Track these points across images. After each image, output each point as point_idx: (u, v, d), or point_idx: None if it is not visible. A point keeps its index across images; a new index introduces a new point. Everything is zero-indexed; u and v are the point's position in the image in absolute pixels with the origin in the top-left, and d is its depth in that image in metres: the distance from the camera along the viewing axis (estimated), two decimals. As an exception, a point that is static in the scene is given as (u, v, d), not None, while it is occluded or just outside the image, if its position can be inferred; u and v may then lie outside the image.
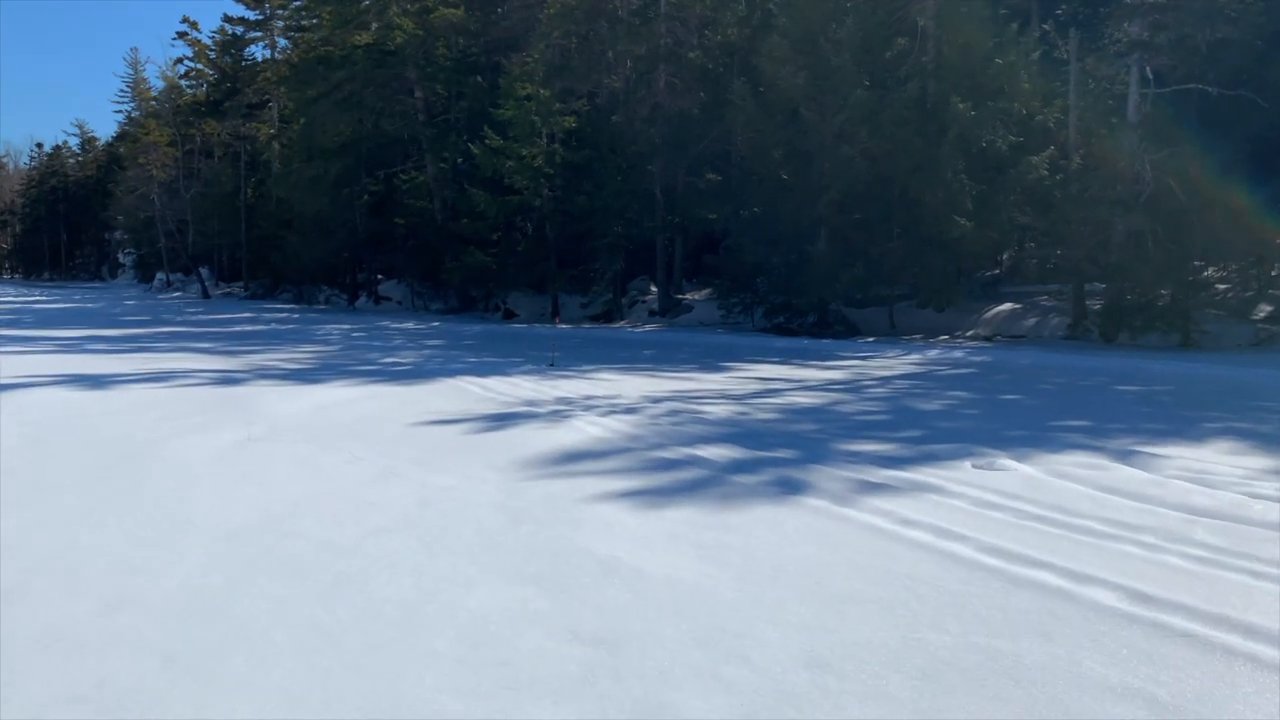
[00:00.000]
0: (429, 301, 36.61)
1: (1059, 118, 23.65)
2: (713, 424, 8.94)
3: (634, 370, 14.61)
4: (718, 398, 11.19)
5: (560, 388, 11.89)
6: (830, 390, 12.32)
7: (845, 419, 9.62)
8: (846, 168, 22.17)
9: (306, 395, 10.73)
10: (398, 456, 7.21)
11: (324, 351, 17.54)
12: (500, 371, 13.91)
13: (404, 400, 10.47)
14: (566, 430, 8.39)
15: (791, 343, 21.69)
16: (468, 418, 9.13)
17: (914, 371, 15.30)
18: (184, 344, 18.77)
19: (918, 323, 25.21)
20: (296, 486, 6.22)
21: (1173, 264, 20.76)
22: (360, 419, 9.03)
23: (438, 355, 16.89)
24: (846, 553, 4.79)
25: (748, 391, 11.89)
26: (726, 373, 14.55)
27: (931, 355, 18.53)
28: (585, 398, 10.86)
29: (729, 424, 8.97)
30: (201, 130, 52.76)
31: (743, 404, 10.61)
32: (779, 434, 8.41)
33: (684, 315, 29.27)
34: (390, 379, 12.69)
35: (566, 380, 12.85)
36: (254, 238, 46.47)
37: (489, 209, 28.87)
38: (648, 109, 28.54)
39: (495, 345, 20.00)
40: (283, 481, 6.39)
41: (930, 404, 11.08)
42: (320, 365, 14.68)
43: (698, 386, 12.38)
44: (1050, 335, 23.15)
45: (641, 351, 18.94)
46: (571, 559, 4.63)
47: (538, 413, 9.54)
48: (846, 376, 14.20)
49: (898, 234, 24.73)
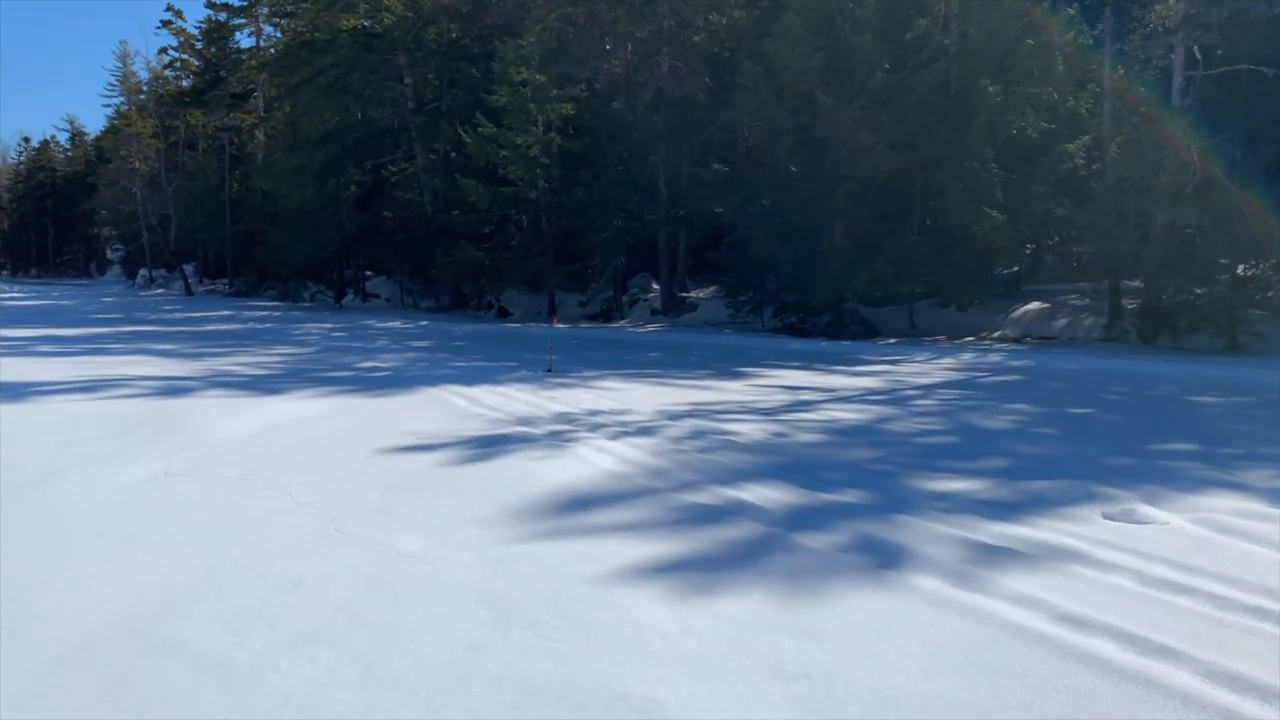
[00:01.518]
0: (419, 299, 34.89)
1: (1092, 103, 22.02)
2: (749, 450, 7.27)
3: (641, 377, 12.95)
4: (744, 412, 9.52)
5: (560, 399, 10.23)
6: (871, 402, 10.66)
7: (905, 442, 7.96)
8: (866, 156, 20.50)
9: (259, 410, 9.04)
10: (352, 501, 5.53)
11: (297, 354, 15.85)
12: (491, 378, 12.24)
13: (375, 416, 8.78)
14: (569, 460, 6.72)
15: (807, 344, 20.04)
16: (448, 441, 7.45)
17: (955, 379, 13.65)
18: (144, 345, 17.05)
19: (939, 323, 23.58)
20: (203, 552, 4.54)
21: (1219, 260, 19.16)
22: (316, 443, 7.35)
23: (422, 359, 15.20)
24: (1012, 684, 3.13)
25: (777, 404, 10.24)
26: (745, 380, 12.89)
27: (966, 359, 16.89)
28: (590, 413, 9.19)
29: (769, 450, 7.31)
30: (186, 122, 50.91)
31: (776, 421, 8.94)
32: (835, 465, 6.75)
33: (688, 314, 27.61)
34: (364, 388, 11.01)
35: (566, 389, 11.19)
36: (238, 233, 44.70)
37: (481, 201, 27.16)
38: (650, 95, 26.86)
39: (486, 347, 18.33)
40: (187, 542, 4.71)
41: (994, 420, 9.43)
42: (287, 371, 12.99)
43: (717, 398, 10.72)
44: (1084, 337, 21.55)
45: (647, 354, 17.28)
46: (588, 706, 2.96)
47: (534, 434, 7.87)
48: (881, 385, 12.55)
49: (918, 228, 23.11)
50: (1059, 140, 20.97)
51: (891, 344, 20.54)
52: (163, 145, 50.91)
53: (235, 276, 46.95)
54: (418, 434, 7.73)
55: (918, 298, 23.39)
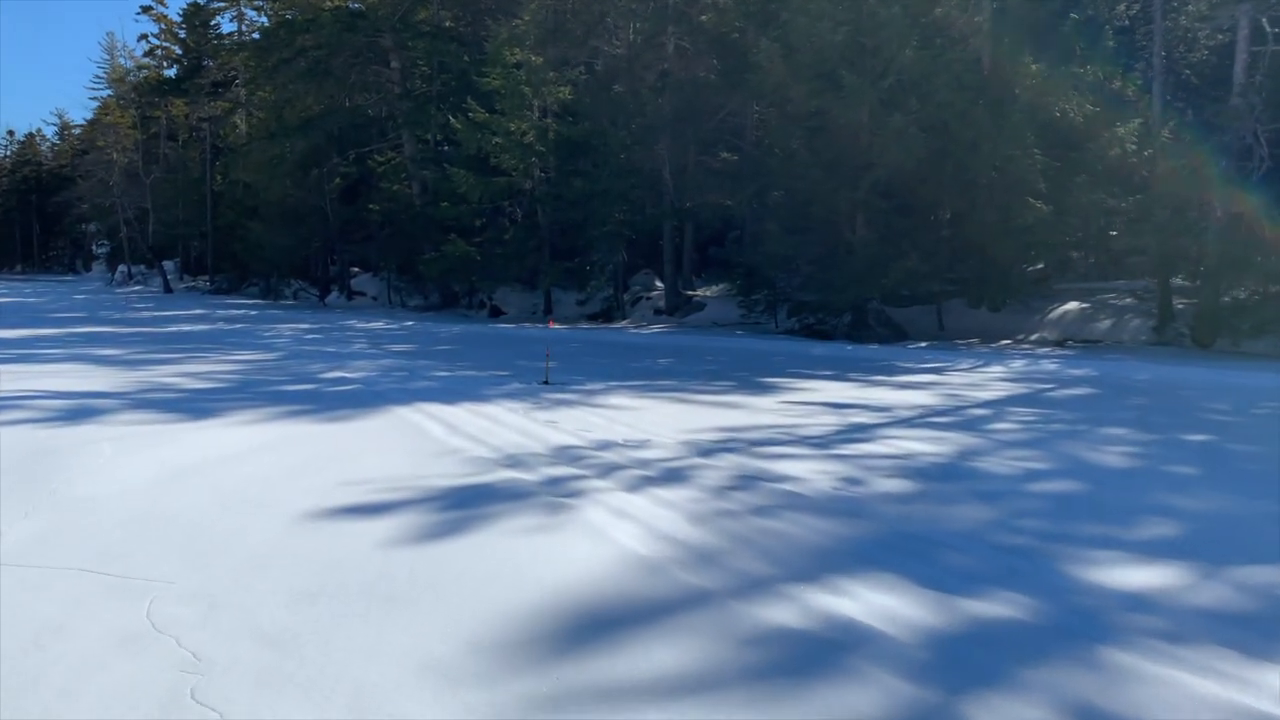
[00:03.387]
0: (408, 297, 32.87)
1: (1139, 83, 20.11)
2: (822, 511, 5.31)
3: (654, 390, 10.98)
4: (791, 443, 7.57)
5: (559, 423, 8.26)
6: (938, 426, 8.71)
7: (1016, 491, 6.01)
8: (897, 140, 18.50)
9: (173, 444, 7.06)
10: (240, 622, 3.55)
11: (256, 362, 13.85)
12: (475, 393, 10.27)
13: (320, 453, 6.81)
14: (576, 534, 4.75)
15: (831, 348, 18.08)
16: (409, 497, 5.48)
17: (1017, 392, 11.70)
18: (86, 350, 15.04)
19: (969, 324, 21.66)
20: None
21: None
22: (228, 501, 5.37)
23: (399, 367, 13.21)
24: None
25: (828, 430, 8.28)
26: (776, 394, 10.93)
27: (1016, 366, 14.94)
28: (598, 445, 7.22)
29: (849, 510, 5.34)
30: (168, 112, 48.75)
31: (837, 457, 6.98)
32: (951, 539, 4.80)
33: (694, 314, 25.63)
34: (320, 408, 9.03)
35: (567, 408, 9.22)
36: (219, 227, 42.61)
37: (472, 191, 25.15)
38: (654, 77, 24.84)
39: (475, 351, 16.35)
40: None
41: (1104, 453, 7.48)
42: (237, 384, 10.99)
43: (751, 420, 8.76)
44: (1132, 340, 19.65)
45: (656, 361, 15.32)
46: None
47: (526, 483, 5.90)
48: (938, 400, 10.60)
49: (947, 220, 21.17)
50: (1105, 124, 19.04)
51: (923, 348, 18.60)
52: (142, 136, 48.78)
53: (216, 273, 44.83)
54: (369, 484, 5.75)
55: (946, 296, 21.46)
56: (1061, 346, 19.33)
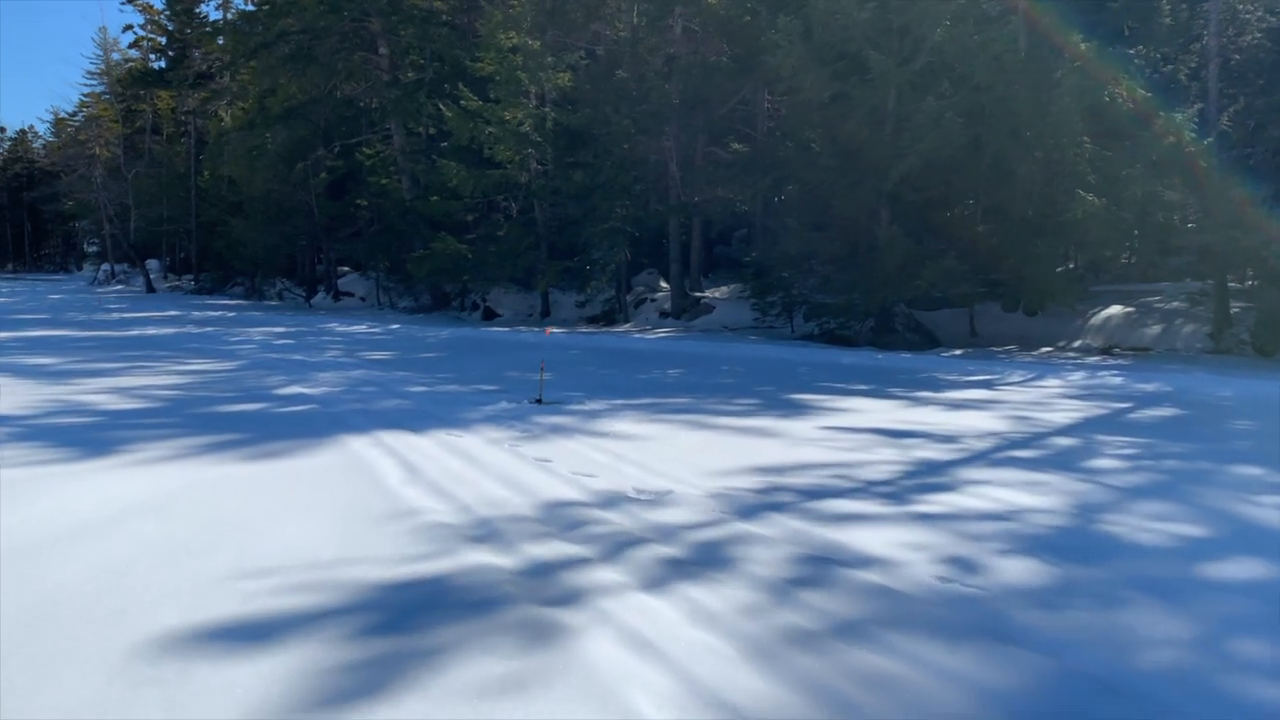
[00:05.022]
0: (397, 298, 31.10)
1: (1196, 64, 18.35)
2: (936, 629, 3.53)
3: (667, 411, 9.20)
4: (855, 492, 5.79)
5: (553, 463, 6.49)
6: (1024, 463, 6.92)
7: (1194, 581, 4.23)
8: (932, 127, 16.72)
9: (28, 499, 5.28)
10: None
11: (207, 373, 12.07)
12: (453, 415, 8.49)
13: (220, 517, 5.02)
14: (567, 700, 2.96)
15: (860, 356, 16.31)
16: (313, 610, 3.69)
17: (1092, 413, 9.92)
18: (17, 358, 13.25)
19: (1004, 329, 19.88)
20: None
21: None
22: (49, 606, 3.60)
23: (369, 380, 11.43)
24: None
25: (892, 471, 6.50)
26: (812, 415, 9.16)
27: (1075, 380, 13.15)
28: (603, 501, 5.43)
29: (976, 627, 3.56)
30: (154, 105, 46.96)
31: (920, 518, 5.20)
32: (1156, 684, 3.03)
33: (702, 317, 23.84)
34: (255, 439, 7.25)
35: (563, 438, 7.45)
36: (203, 224, 40.84)
37: (464, 185, 23.39)
38: (660, 62, 23.05)
39: (462, 360, 14.58)
40: None
41: (1264, 507, 5.70)
42: (169, 404, 9.20)
43: (793, 456, 6.98)
44: (1186, 348, 17.87)
45: (665, 371, 13.54)
46: None
47: (497, 578, 4.11)
48: (1005, 425, 8.81)
49: (981, 215, 19.41)
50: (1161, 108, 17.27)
51: (959, 357, 16.84)
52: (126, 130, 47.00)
53: (201, 272, 43.05)
54: (270, 579, 3.97)
55: (978, 299, 19.68)
56: (1109, 355, 17.58)
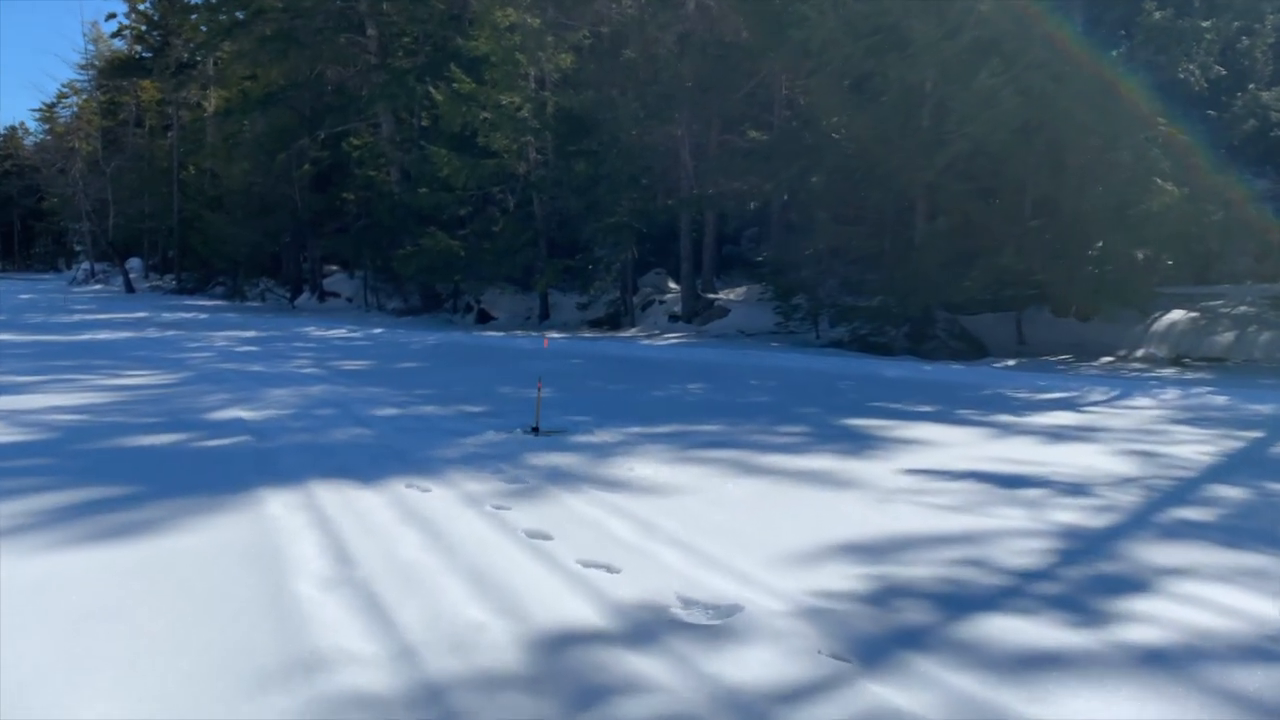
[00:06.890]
0: (386, 299, 29.05)
1: (1275, 39, 16.36)
2: None
3: (698, 444, 7.16)
4: (1017, 598, 3.76)
5: (554, 540, 4.46)
6: (1208, 533, 4.89)
7: None
8: (985, 108, 14.71)
9: None
10: None
11: (140, 389, 10.06)
12: (423, 454, 6.47)
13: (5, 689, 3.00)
14: None
15: (905, 368, 14.27)
16: None
17: (1228, 446, 7.89)
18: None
19: (1055, 336, 17.86)
20: None
21: None
22: None
23: (329, 400, 9.39)
24: None
25: (1038, 544, 4.49)
26: (883, 451, 7.13)
27: (1168, 398, 11.12)
28: (636, 627, 3.40)
29: None
30: (137, 97, 44.93)
31: (1148, 658, 3.19)
32: None
33: (716, 321, 21.81)
34: (140, 498, 5.23)
35: (566, 490, 5.44)
36: (184, 220, 38.83)
37: (456, 175, 21.37)
38: (672, 40, 21.04)
39: (447, 372, 12.55)
40: None
41: None
42: (62, 435, 7.18)
43: (891, 522, 4.96)
44: (1266, 357, 15.89)
45: (684, 387, 11.51)
46: None
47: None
48: (1128, 466, 6.76)
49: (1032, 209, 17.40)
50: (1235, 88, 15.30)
51: (1014, 368, 14.84)
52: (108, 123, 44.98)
53: (182, 271, 41.01)
54: None
55: (1026, 302, 17.68)
56: (1181, 366, 15.61)
